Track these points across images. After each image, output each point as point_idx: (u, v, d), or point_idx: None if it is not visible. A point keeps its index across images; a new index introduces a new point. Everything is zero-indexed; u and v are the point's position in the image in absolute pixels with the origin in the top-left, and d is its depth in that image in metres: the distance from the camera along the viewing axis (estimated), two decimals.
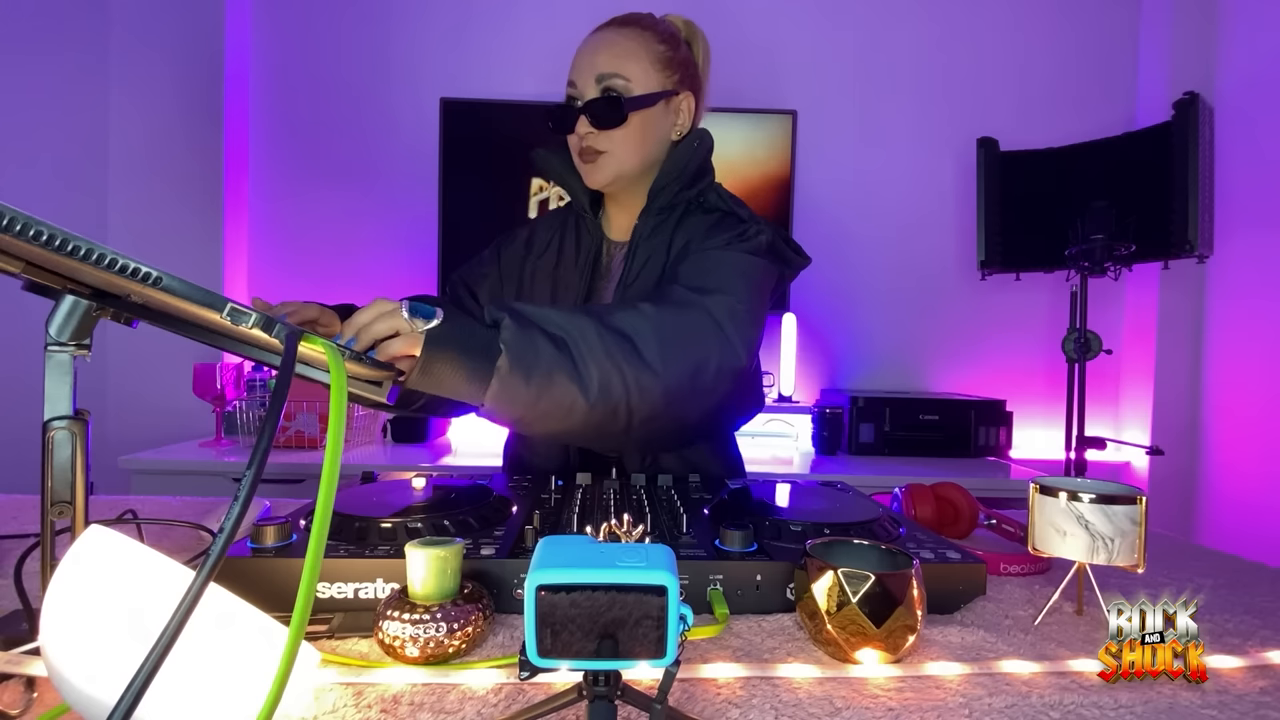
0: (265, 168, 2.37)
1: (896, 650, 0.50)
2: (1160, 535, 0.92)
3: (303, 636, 0.36)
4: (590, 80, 0.88)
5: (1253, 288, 2.09)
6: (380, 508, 0.67)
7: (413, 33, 2.35)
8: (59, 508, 0.45)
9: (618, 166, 0.91)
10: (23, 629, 0.49)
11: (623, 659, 0.35)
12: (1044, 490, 0.60)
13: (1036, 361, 2.43)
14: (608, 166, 0.91)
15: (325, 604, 0.56)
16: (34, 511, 0.89)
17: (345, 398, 0.41)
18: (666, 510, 0.75)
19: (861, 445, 2.13)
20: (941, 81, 2.40)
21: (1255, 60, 2.09)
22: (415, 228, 2.35)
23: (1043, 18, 2.39)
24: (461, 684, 0.47)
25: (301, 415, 1.93)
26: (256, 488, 0.34)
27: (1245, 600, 0.67)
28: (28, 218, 0.34)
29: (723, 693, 0.46)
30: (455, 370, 0.64)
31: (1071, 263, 1.91)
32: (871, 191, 2.42)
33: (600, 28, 0.93)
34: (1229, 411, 2.17)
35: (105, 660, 0.35)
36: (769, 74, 2.37)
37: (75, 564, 0.37)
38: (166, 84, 2.25)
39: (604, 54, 0.89)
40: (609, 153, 0.90)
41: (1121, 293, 2.37)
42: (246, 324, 0.42)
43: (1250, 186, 2.08)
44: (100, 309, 0.45)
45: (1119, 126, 2.23)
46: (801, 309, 2.37)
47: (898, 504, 0.86)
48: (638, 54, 0.89)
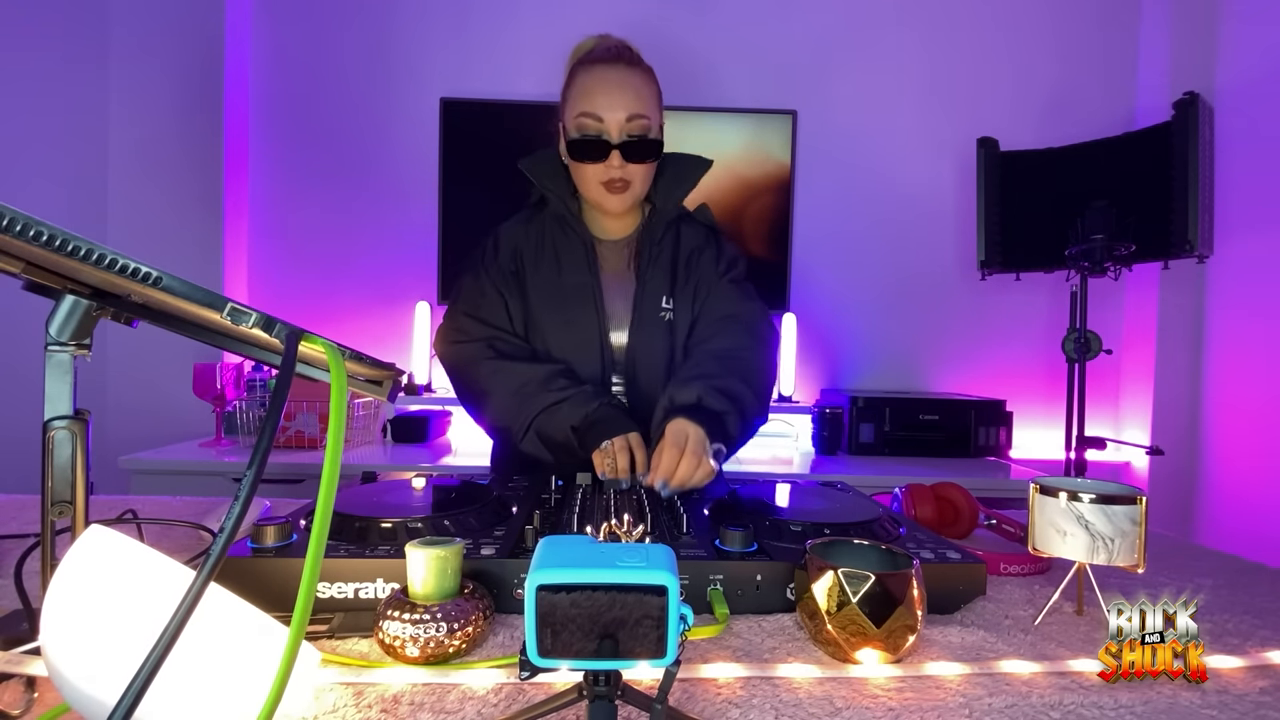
0: (265, 168, 2.37)
1: (896, 650, 0.50)
2: (1160, 535, 0.92)
3: (303, 636, 0.36)
4: (621, 118, 0.98)
5: (1253, 288, 2.09)
6: (380, 508, 0.67)
7: (413, 33, 2.35)
8: (59, 508, 0.45)
9: (637, 194, 1.04)
10: (23, 629, 0.49)
11: (623, 659, 0.35)
12: (1044, 490, 0.60)
13: (1036, 361, 2.43)
14: (632, 194, 1.03)
15: (325, 604, 0.56)
16: (34, 511, 0.89)
17: (345, 398, 0.41)
18: (666, 510, 0.75)
19: (861, 445, 2.13)
20: (941, 81, 2.40)
21: (1255, 60, 2.09)
22: (415, 228, 2.35)
23: (1043, 18, 2.39)
24: (461, 684, 0.47)
25: (301, 415, 1.93)
26: (256, 488, 0.34)
27: (1245, 600, 0.67)
28: (28, 218, 0.34)
29: (723, 693, 0.46)
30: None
31: (1071, 263, 1.91)
32: (871, 192, 2.42)
33: (611, 63, 1.01)
34: (1229, 411, 2.17)
35: (105, 660, 0.35)
36: (769, 74, 2.37)
37: (75, 564, 0.37)
38: (166, 84, 2.25)
39: (631, 94, 0.99)
40: (634, 183, 1.02)
41: (1121, 293, 2.37)
42: (247, 324, 0.42)
43: (1250, 186, 2.08)
44: (100, 309, 0.45)
45: (1119, 126, 2.23)
46: (801, 309, 2.37)
47: (898, 504, 0.86)
48: (652, 95, 1.02)
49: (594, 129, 0.99)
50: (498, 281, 1.08)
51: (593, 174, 1.01)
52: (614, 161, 0.99)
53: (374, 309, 2.37)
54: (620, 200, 1.03)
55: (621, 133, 0.99)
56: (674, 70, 2.34)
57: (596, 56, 1.02)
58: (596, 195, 1.04)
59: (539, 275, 1.08)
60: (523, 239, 1.10)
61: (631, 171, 1.01)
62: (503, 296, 1.07)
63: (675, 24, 2.33)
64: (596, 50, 1.04)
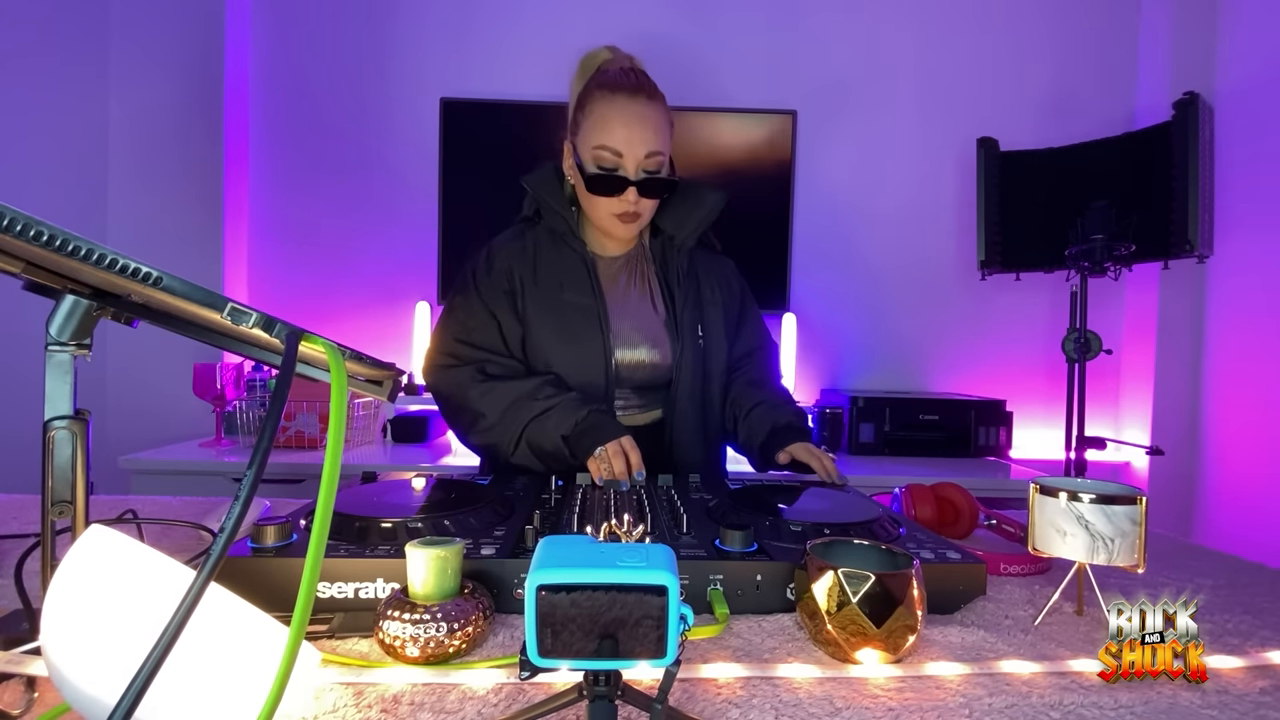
0: (265, 168, 2.37)
1: (896, 650, 0.50)
2: (1160, 535, 0.92)
3: (303, 636, 0.36)
4: (640, 155, 1.00)
5: (1253, 288, 2.09)
6: (380, 508, 0.67)
7: (413, 33, 2.35)
8: (59, 508, 0.45)
9: (644, 222, 1.07)
10: (23, 629, 0.49)
11: (623, 659, 0.35)
12: (1044, 490, 0.60)
13: (1036, 361, 2.43)
14: (640, 223, 1.06)
15: (325, 604, 0.56)
16: (34, 511, 0.89)
17: (345, 398, 0.41)
18: (666, 510, 0.75)
19: (861, 445, 2.13)
20: (941, 81, 2.40)
21: (1255, 60, 2.09)
22: (415, 228, 2.35)
23: (1043, 17, 2.39)
24: (461, 684, 0.47)
25: (301, 415, 1.93)
26: (256, 488, 0.34)
27: (1245, 600, 0.67)
28: (28, 218, 0.34)
29: (723, 693, 0.46)
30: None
31: (1071, 263, 1.91)
32: (871, 191, 2.42)
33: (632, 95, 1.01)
34: (1229, 411, 2.17)
35: (105, 660, 0.35)
36: (769, 74, 2.37)
37: (75, 564, 0.37)
38: (166, 84, 2.25)
39: (651, 132, 1.01)
40: (644, 214, 1.05)
41: (1121, 293, 2.37)
42: (247, 324, 0.42)
43: (1250, 186, 2.08)
44: (100, 309, 0.45)
45: (1119, 126, 2.22)
46: (801, 309, 2.37)
47: (898, 504, 0.86)
48: (667, 128, 1.04)
49: (612, 163, 1.00)
50: (490, 301, 1.07)
51: (606, 205, 1.03)
52: (629, 196, 1.01)
53: (374, 309, 2.37)
54: (629, 230, 1.06)
55: (639, 170, 1.01)
56: (674, 70, 2.34)
57: (617, 85, 1.02)
58: (607, 224, 1.06)
59: (538, 293, 1.07)
60: (518, 257, 1.10)
61: (644, 205, 1.04)
62: (495, 318, 1.07)
63: (676, 24, 2.33)
64: (615, 75, 1.03)
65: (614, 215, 1.04)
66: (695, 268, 1.15)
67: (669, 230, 1.13)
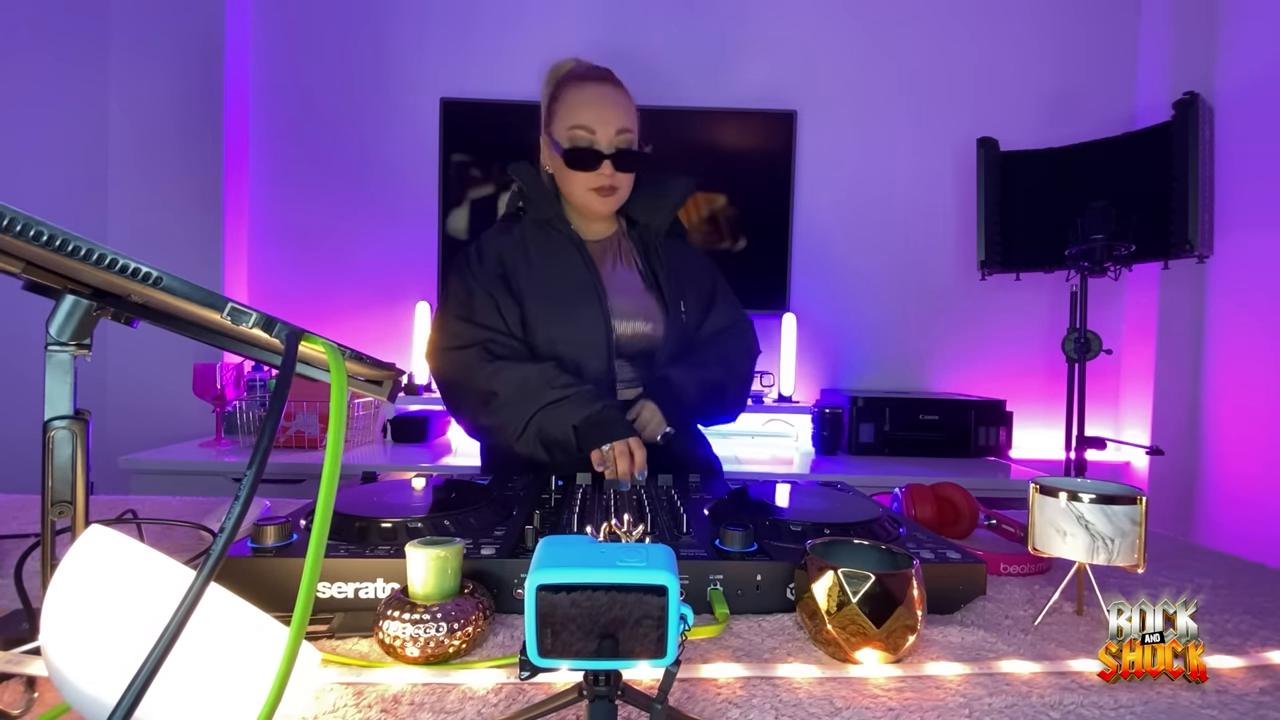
0: (265, 168, 2.37)
1: (896, 650, 0.50)
2: (1160, 535, 0.92)
3: (303, 636, 0.36)
4: (612, 131, 1.07)
5: (1253, 288, 2.09)
6: (380, 508, 0.67)
7: (413, 33, 2.35)
8: (59, 508, 0.45)
9: (621, 198, 1.12)
10: (23, 629, 0.49)
11: (623, 659, 0.35)
12: (1044, 490, 0.60)
13: (1036, 361, 2.43)
14: (617, 198, 1.12)
15: (325, 604, 0.56)
16: (34, 511, 0.89)
17: (345, 398, 0.41)
18: (666, 510, 0.75)
19: (861, 445, 2.13)
20: (941, 81, 2.40)
21: (1255, 60, 2.09)
22: (415, 227, 2.35)
23: (1043, 18, 2.39)
24: (461, 684, 0.47)
25: (301, 415, 1.93)
26: (256, 488, 0.34)
27: (1245, 600, 0.67)
28: (28, 218, 0.34)
29: (723, 693, 0.46)
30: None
31: (1071, 263, 1.91)
32: (871, 191, 2.42)
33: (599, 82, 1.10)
34: (1229, 411, 2.16)
35: (105, 660, 0.35)
36: (769, 74, 2.37)
37: (75, 564, 0.37)
38: (166, 84, 2.25)
39: (620, 110, 1.08)
40: (620, 189, 1.11)
41: (1121, 293, 2.37)
42: (247, 324, 0.42)
43: (1250, 186, 2.08)
44: (100, 309, 0.45)
45: (1119, 126, 2.22)
46: (801, 309, 2.36)
47: (898, 504, 0.86)
48: (634, 112, 1.11)
49: (586, 140, 1.07)
50: (486, 284, 1.09)
51: (584, 181, 1.09)
52: (605, 170, 1.07)
53: (374, 309, 2.37)
54: (607, 204, 1.11)
55: (612, 144, 1.07)
56: (674, 70, 2.35)
57: (584, 75, 1.10)
58: (586, 200, 1.10)
59: (531, 276, 1.10)
60: (506, 246, 1.13)
61: (619, 179, 1.09)
62: (492, 297, 1.08)
63: (675, 24, 2.33)
64: (583, 69, 1.12)
65: (591, 190, 1.09)
66: (671, 254, 1.20)
67: (644, 220, 1.19)
